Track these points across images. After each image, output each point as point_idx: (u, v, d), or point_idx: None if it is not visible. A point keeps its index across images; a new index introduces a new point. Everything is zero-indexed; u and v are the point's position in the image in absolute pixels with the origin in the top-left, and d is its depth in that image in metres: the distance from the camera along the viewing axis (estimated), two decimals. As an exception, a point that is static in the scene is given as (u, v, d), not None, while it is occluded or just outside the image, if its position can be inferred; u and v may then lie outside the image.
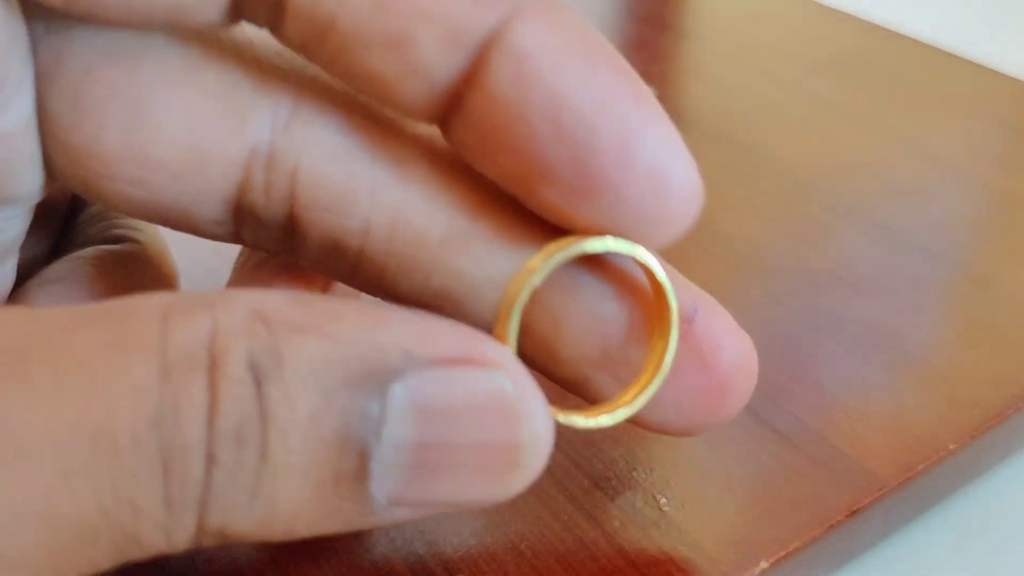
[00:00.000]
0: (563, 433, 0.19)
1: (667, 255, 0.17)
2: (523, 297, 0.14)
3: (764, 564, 0.17)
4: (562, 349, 0.16)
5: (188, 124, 0.15)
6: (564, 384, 0.16)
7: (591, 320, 0.15)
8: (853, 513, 0.18)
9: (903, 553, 0.20)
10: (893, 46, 0.37)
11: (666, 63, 0.38)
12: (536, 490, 0.18)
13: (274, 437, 0.12)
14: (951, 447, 0.19)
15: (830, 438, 0.19)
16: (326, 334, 0.12)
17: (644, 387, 0.15)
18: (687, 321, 0.15)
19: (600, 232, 0.14)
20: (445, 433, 0.13)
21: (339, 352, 0.12)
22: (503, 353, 0.13)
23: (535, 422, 0.13)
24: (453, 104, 0.14)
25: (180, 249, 0.21)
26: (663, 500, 0.18)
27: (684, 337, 0.15)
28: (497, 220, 0.15)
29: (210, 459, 0.12)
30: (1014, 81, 0.34)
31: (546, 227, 0.15)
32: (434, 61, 0.13)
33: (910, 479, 0.18)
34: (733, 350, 0.16)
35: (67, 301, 0.18)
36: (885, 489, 0.18)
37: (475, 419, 0.13)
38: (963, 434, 0.19)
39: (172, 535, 0.12)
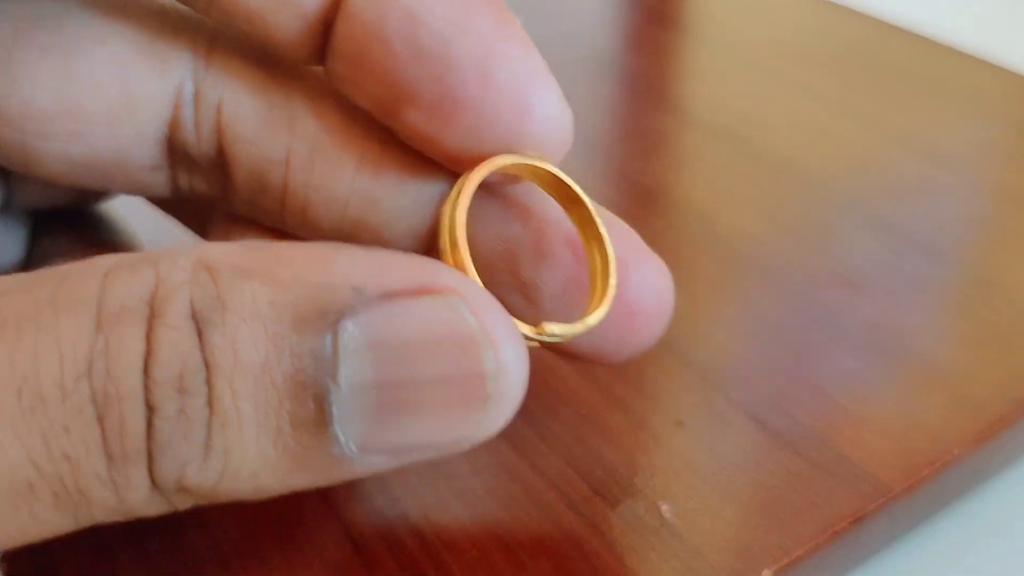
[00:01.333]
0: (563, 439, 0.19)
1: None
2: (461, 215, 0.14)
3: (767, 572, 0.16)
4: (477, 268, 0.15)
5: (116, 72, 0.15)
6: None
7: (499, 243, 0.15)
8: (857, 519, 0.17)
9: (908, 559, 0.19)
10: (898, 42, 0.37)
11: (668, 60, 0.37)
12: (535, 497, 0.18)
13: (220, 384, 0.12)
14: (956, 451, 0.19)
15: (833, 443, 0.19)
16: (271, 277, 0.12)
17: (602, 295, 0.15)
18: None
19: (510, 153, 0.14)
20: (404, 369, 0.12)
21: (285, 294, 0.12)
22: (457, 278, 0.12)
23: (500, 349, 0.12)
24: (326, 36, 0.14)
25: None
26: (665, 507, 0.18)
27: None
28: (407, 145, 0.15)
29: (150, 409, 0.12)
30: (1022, 78, 0.34)
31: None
32: None
33: (915, 484, 0.18)
34: (641, 272, 0.15)
35: None
36: (889, 495, 0.18)
37: (434, 351, 0.12)
38: (968, 438, 0.19)
39: (122, 491, 0.12)
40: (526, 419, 0.16)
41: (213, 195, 0.17)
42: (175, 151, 0.16)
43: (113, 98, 0.15)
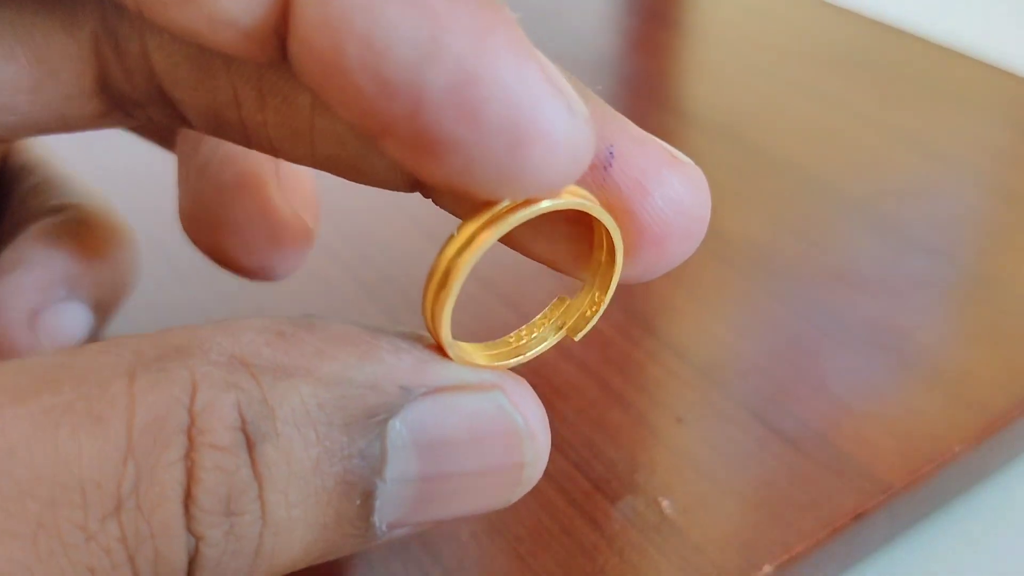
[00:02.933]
0: (563, 435, 0.19)
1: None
2: (464, 265, 0.12)
3: (768, 568, 0.16)
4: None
5: (20, 37, 0.14)
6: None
7: None
8: (858, 516, 0.17)
9: (909, 556, 0.19)
10: (899, 44, 0.37)
11: (669, 60, 0.37)
12: (535, 493, 0.17)
13: (274, 498, 0.11)
14: (957, 449, 0.19)
15: (834, 440, 0.19)
16: (315, 376, 0.11)
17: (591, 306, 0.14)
18: (603, 167, 0.13)
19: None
20: (449, 463, 0.12)
21: (332, 395, 0.11)
22: (496, 373, 0.12)
23: (538, 439, 0.12)
24: (281, 47, 0.12)
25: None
26: (665, 503, 0.18)
27: (602, 187, 0.13)
28: None
29: (195, 537, 0.11)
30: (1021, 79, 0.34)
31: None
32: (233, 11, 0.12)
33: (916, 481, 0.18)
34: (664, 190, 0.13)
35: (27, 289, 0.17)
36: (890, 492, 0.18)
37: (478, 446, 0.12)
38: (969, 436, 0.19)
39: None
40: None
41: (181, 125, 0.16)
42: (116, 98, 0.15)
43: (25, 65, 0.14)
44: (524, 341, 0.14)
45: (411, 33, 0.11)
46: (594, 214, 0.13)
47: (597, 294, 0.14)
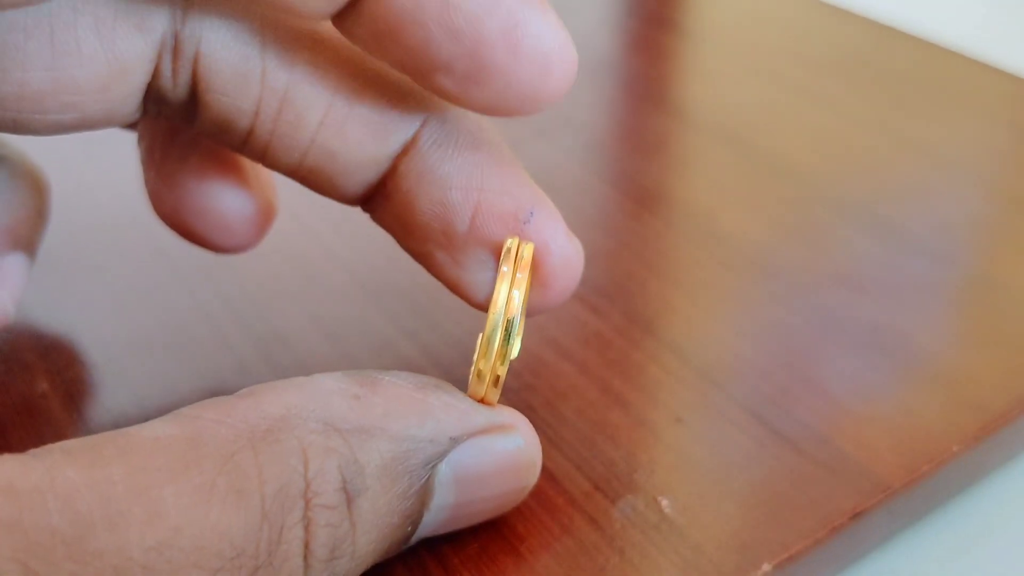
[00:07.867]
0: (563, 435, 0.19)
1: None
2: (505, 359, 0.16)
3: (767, 567, 0.16)
4: (413, 222, 0.17)
5: (101, 38, 0.15)
6: (413, 254, 0.18)
7: (438, 205, 0.17)
8: (857, 515, 0.18)
9: (907, 556, 0.19)
10: (898, 46, 0.37)
11: (669, 62, 0.37)
12: (536, 492, 0.18)
13: (363, 540, 0.14)
14: (955, 449, 0.19)
15: (833, 440, 0.19)
16: (388, 435, 0.14)
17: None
18: (523, 222, 0.17)
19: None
20: (478, 492, 0.16)
21: (401, 449, 0.14)
22: (514, 416, 0.16)
23: (537, 465, 0.17)
24: (353, 5, 0.15)
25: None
26: (665, 502, 0.18)
27: (520, 233, 0.17)
28: (371, 107, 0.17)
29: None
30: (1021, 81, 0.34)
31: (417, 113, 0.17)
32: None
33: (914, 481, 0.18)
34: (561, 253, 0.17)
35: None
36: (889, 491, 0.18)
37: (501, 476, 0.16)
38: (968, 436, 0.19)
39: None
40: (527, 416, 0.17)
41: (178, 122, 0.18)
42: (150, 94, 0.17)
43: (103, 65, 0.15)
44: (489, 378, 0.16)
45: None
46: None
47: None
